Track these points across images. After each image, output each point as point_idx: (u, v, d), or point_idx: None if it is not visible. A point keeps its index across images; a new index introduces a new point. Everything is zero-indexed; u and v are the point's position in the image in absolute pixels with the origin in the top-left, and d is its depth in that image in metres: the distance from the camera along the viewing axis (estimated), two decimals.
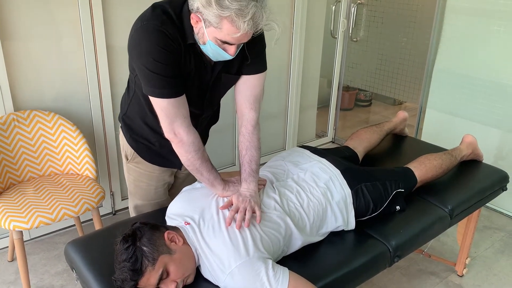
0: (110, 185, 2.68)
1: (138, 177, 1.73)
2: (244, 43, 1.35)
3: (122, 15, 2.40)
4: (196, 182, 1.67)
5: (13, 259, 2.34)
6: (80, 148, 2.19)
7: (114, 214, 2.75)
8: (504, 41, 2.73)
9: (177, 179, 1.85)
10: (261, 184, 1.59)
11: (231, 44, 1.30)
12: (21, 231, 1.92)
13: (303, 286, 1.34)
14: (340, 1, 3.49)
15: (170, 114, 1.41)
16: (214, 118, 1.78)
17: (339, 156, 1.92)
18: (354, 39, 3.75)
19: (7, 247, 2.39)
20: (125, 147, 1.70)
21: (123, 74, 2.52)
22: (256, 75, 1.53)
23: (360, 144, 2.14)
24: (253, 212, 1.45)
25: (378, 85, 3.90)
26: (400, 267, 2.37)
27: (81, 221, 2.48)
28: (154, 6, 1.37)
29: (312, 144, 3.79)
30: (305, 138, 3.78)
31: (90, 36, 2.32)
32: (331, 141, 3.97)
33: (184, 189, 1.65)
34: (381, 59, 3.79)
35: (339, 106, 3.89)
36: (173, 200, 1.60)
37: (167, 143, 1.50)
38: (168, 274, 1.30)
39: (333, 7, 3.49)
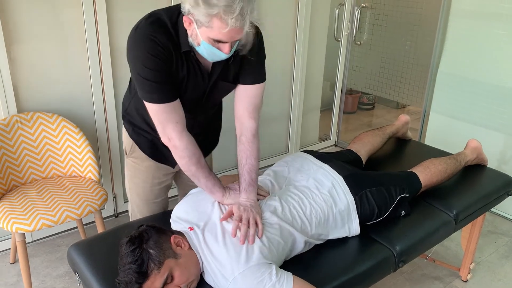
0: (112, 187, 2.67)
1: (135, 172, 1.75)
2: (238, 47, 1.38)
3: (126, 17, 2.40)
4: None
5: (15, 261, 2.33)
6: (83, 150, 2.18)
7: (117, 216, 2.75)
8: (508, 45, 2.72)
9: (182, 179, 1.84)
10: (262, 195, 1.58)
11: (224, 42, 1.32)
12: (24, 233, 1.91)
13: None
14: (343, 4, 3.48)
15: (161, 119, 1.44)
16: (215, 120, 1.79)
17: (343, 160, 1.91)
18: (358, 43, 3.75)
19: (9, 249, 2.38)
20: (126, 141, 1.73)
21: (127, 76, 2.49)
22: (254, 85, 1.54)
23: (363, 147, 2.13)
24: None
25: (381, 89, 3.89)
26: (404, 271, 2.36)
27: (84, 223, 2.47)
28: (150, 14, 1.41)
29: (315, 147, 3.78)
30: (308, 141, 3.77)
31: (94, 38, 2.32)
32: (334, 144, 3.95)
33: (191, 191, 1.64)
34: (384, 63, 3.78)
35: (342, 109, 3.88)
36: (179, 203, 1.60)
37: None
38: (172, 278, 1.29)
39: (337, 10, 3.48)
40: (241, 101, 1.56)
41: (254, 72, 1.53)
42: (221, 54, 1.35)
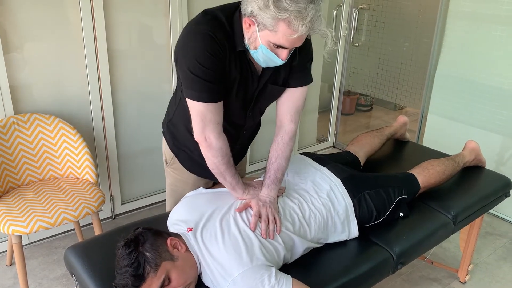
0: (110, 189, 2.66)
1: (174, 181, 1.75)
2: (295, 51, 1.35)
3: (123, 18, 2.39)
4: (201, 188, 1.66)
5: (11, 264, 2.31)
6: (80, 152, 2.17)
7: (114, 218, 2.74)
8: (505, 47, 2.72)
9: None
10: (280, 192, 1.59)
11: (284, 48, 1.29)
12: (20, 236, 1.90)
13: None
14: (341, 6, 3.48)
15: (204, 119, 1.41)
16: (255, 132, 1.78)
17: (341, 162, 1.91)
18: (356, 44, 3.75)
19: (6, 251, 2.37)
20: (166, 152, 1.72)
21: (125, 77, 2.51)
22: (301, 87, 1.52)
23: (361, 149, 2.12)
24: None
25: (379, 90, 3.90)
26: (402, 273, 2.35)
27: (81, 225, 2.46)
28: (206, 12, 1.38)
29: (313, 148, 3.78)
30: (306, 142, 3.76)
31: (92, 39, 2.31)
32: (332, 146, 3.95)
33: (187, 194, 1.64)
34: (382, 64, 3.79)
35: (340, 111, 3.88)
36: (176, 206, 1.59)
37: None
38: (170, 281, 1.28)
39: (335, 12, 3.48)
40: (284, 103, 1.55)
41: (302, 74, 1.51)
42: (278, 60, 1.33)
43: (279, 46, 1.28)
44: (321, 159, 1.85)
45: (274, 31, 1.24)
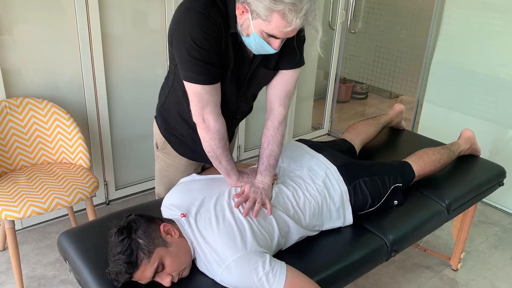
0: (104, 174, 2.65)
1: (165, 166, 1.73)
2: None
3: (117, 1, 2.35)
4: (194, 174, 1.65)
5: (4, 249, 2.31)
6: (74, 137, 2.15)
7: (108, 204, 2.73)
8: (502, 35, 2.71)
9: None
10: (274, 179, 1.58)
11: (277, 38, 1.27)
12: (13, 220, 1.89)
13: (300, 280, 1.32)
14: None
15: (202, 100, 1.39)
16: (246, 116, 1.77)
17: (337, 149, 1.90)
18: (352, 31, 3.72)
19: None
20: (157, 136, 1.70)
21: (118, 62, 2.48)
22: (292, 70, 1.49)
23: (357, 136, 2.12)
24: (263, 205, 1.45)
25: (375, 78, 3.89)
26: (395, 260, 2.37)
27: (74, 211, 2.45)
28: None
29: (308, 136, 3.77)
30: (301, 130, 3.76)
31: (85, 22, 2.27)
32: (327, 134, 3.95)
33: (181, 180, 1.63)
34: (379, 52, 3.77)
35: (335, 98, 3.87)
36: (171, 191, 1.58)
37: (199, 138, 1.49)
38: (163, 267, 1.28)
39: None
40: (274, 86, 1.52)
41: (293, 57, 1.47)
42: (270, 49, 1.30)
43: (272, 36, 1.26)
44: (317, 146, 1.84)
45: (268, 21, 1.21)
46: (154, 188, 2.71)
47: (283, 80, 1.51)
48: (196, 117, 1.43)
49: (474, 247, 2.54)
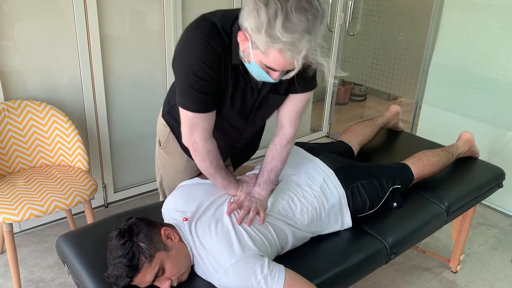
0: (102, 177, 2.64)
1: (166, 164, 1.74)
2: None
3: (116, 4, 2.35)
4: (196, 178, 1.65)
5: (2, 252, 2.30)
6: (72, 139, 2.14)
7: (107, 206, 2.72)
8: (500, 37, 2.72)
9: None
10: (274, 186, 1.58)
11: (276, 70, 1.24)
12: (11, 223, 1.88)
13: (299, 283, 1.32)
14: None
15: (193, 125, 1.40)
16: (257, 134, 1.77)
17: (334, 151, 1.90)
18: (351, 33, 3.72)
19: None
20: (161, 133, 1.69)
21: (117, 64, 2.47)
22: (303, 93, 1.48)
23: (355, 138, 2.12)
24: (258, 213, 1.45)
25: (373, 80, 3.89)
26: (394, 263, 2.37)
27: (73, 213, 2.44)
28: (204, 17, 1.32)
29: (307, 138, 3.77)
30: (300, 132, 3.74)
31: (84, 25, 2.27)
32: (326, 136, 3.95)
33: (182, 183, 1.62)
34: (377, 54, 3.78)
35: (334, 100, 3.87)
36: (171, 195, 1.58)
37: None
38: (163, 271, 1.27)
39: (330, 0, 3.45)
40: (285, 107, 1.51)
41: (306, 80, 1.42)
42: (269, 78, 1.28)
43: (271, 68, 1.23)
44: (314, 149, 1.83)
45: (266, 54, 1.18)
46: (153, 190, 2.71)
47: (294, 102, 1.50)
48: (185, 140, 1.45)
49: (473, 249, 2.53)
